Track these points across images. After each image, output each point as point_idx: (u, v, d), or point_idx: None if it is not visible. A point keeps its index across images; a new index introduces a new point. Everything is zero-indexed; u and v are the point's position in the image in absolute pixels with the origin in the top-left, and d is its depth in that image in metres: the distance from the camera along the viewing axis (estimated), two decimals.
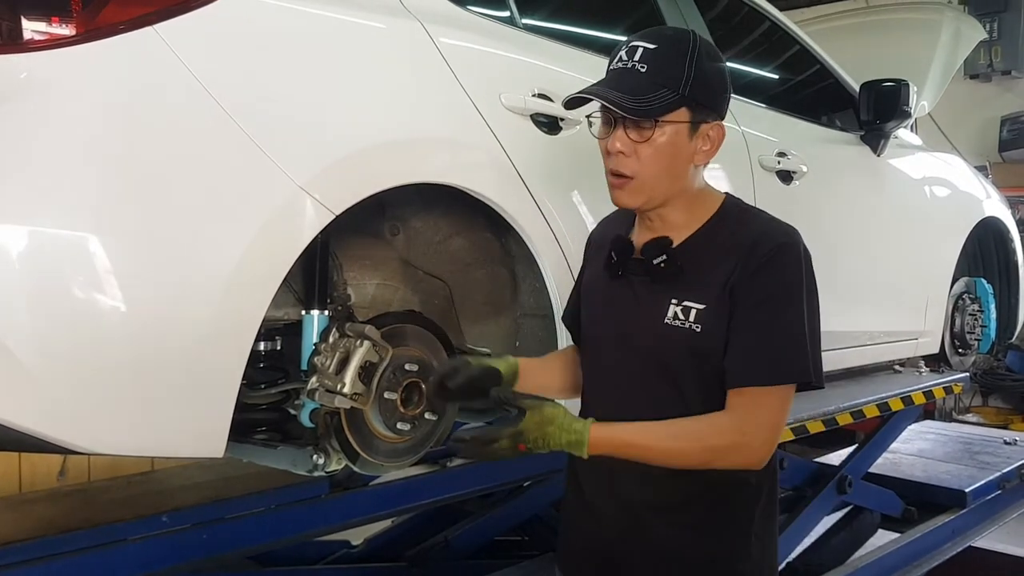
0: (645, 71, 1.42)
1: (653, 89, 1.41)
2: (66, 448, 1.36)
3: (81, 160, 1.36)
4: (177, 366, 1.41)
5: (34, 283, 1.31)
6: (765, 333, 1.42)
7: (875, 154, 3.15)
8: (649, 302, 1.49)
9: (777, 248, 1.43)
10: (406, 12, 1.79)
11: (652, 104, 1.41)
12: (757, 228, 1.47)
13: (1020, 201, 6.50)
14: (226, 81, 1.47)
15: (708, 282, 1.44)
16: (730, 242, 1.46)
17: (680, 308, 1.45)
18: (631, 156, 1.45)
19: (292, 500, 2.41)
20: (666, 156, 1.44)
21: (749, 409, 1.41)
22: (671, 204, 1.49)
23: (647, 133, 1.43)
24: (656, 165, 1.44)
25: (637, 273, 1.51)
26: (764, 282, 1.42)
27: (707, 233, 1.49)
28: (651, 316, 1.48)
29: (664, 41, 1.46)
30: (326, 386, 1.66)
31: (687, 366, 1.46)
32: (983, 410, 6.91)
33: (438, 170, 1.77)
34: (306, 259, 1.63)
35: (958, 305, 3.72)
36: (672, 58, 1.43)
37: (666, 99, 1.41)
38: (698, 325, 1.44)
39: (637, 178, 1.45)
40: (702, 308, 1.44)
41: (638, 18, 2.59)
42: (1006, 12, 6.79)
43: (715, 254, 1.46)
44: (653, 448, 1.43)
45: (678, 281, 1.46)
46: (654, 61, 1.42)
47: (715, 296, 1.43)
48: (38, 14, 1.36)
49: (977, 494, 3.71)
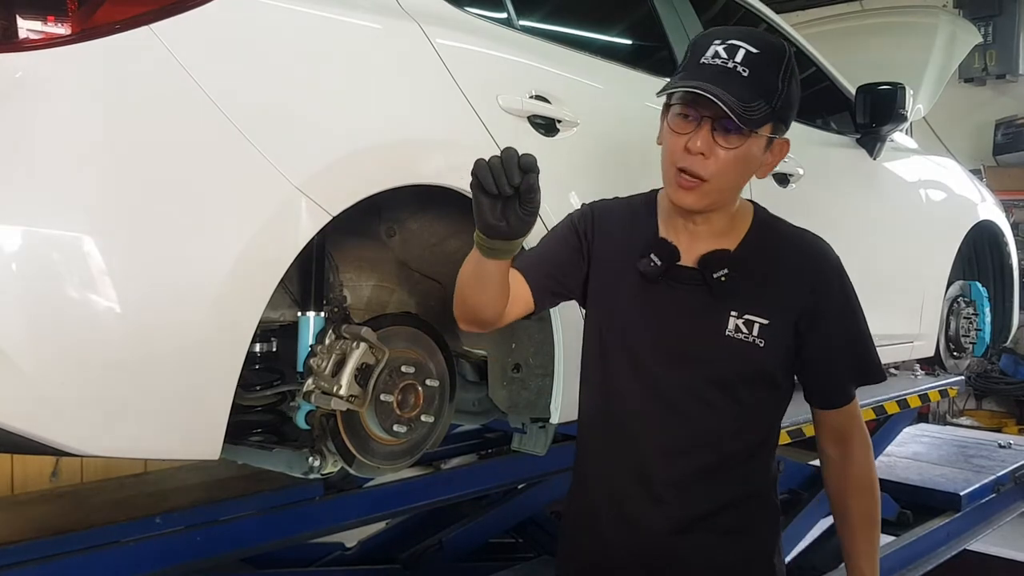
0: (747, 76, 1.36)
1: (754, 98, 1.36)
2: (60, 450, 1.35)
3: (76, 160, 1.35)
4: (172, 368, 1.41)
5: (28, 284, 1.30)
6: (857, 344, 1.53)
7: (871, 157, 3.16)
8: (706, 314, 1.47)
9: (836, 263, 1.52)
10: (403, 13, 1.79)
11: (754, 114, 1.36)
12: (803, 241, 1.54)
13: (1015, 205, 6.53)
14: (222, 81, 1.46)
15: (770, 297, 1.46)
16: (784, 256, 1.50)
17: (742, 321, 1.45)
18: (709, 159, 1.40)
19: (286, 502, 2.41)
20: (741, 165, 1.42)
21: (858, 419, 1.56)
22: (725, 209, 1.49)
23: (736, 141, 1.39)
24: (732, 173, 1.42)
25: (687, 282, 1.48)
26: (838, 301, 1.50)
27: (754, 244, 1.50)
28: (709, 328, 1.46)
29: (766, 48, 1.40)
30: (322, 388, 1.66)
31: (743, 379, 1.47)
32: (978, 413, 6.92)
33: (435, 171, 1.76)
34: (302, 261, 1.63)
35: (953, 308, 3.73)
36: (771, 68, 1.38)
37: (762, 111, 1.37)
38: (761, 340, 1.45)
39: (710, 182, 1.41)
40: (766, 323, 1.45)
41: (635, 20, 2.59)
42: (1001, 16, 6.81)
43: (771, 268, 1.48)
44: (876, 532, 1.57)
45: (737, 294, 1.46)
46: (756, 68, 1.37)
47: (779, 313, 1.46)
48: (34, 13, 1.35)
49: (972, 497, 3.71)
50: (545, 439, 2.05)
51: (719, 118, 1.38)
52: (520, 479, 3.00)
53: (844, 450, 1.56)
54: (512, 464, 2.98)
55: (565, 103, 1.99)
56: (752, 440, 1.52)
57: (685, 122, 1.41)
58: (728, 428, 1.48)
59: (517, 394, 2.05)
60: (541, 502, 3.20)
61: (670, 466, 1.49)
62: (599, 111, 2.11)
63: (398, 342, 1.79)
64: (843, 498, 1.55)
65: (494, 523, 3.08)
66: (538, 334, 2.02)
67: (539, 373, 2.03)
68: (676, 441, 1.49)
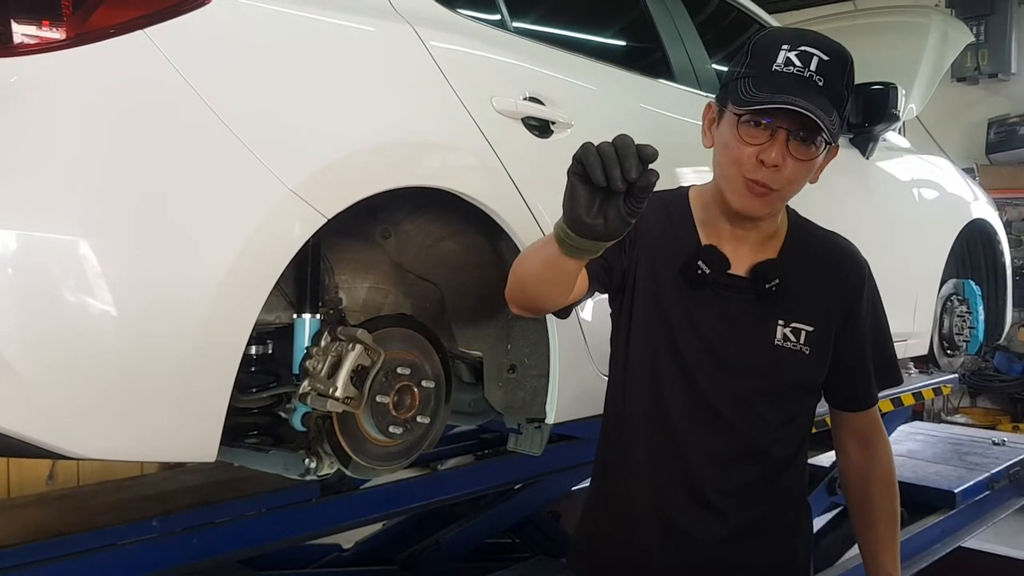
0: (823, 85, 1.31)
1: (831, 109, 1.31)
2: (57, 453, 1.35)
3: (71, 165, 1.35)
4: (169, 370, 1.41)
5: (23, 288, 1.30)
6: (886, 347, 1.56)
7: (864, 157, 3.17)
8: (755, 323, 1.46)
9: (867, 267, 1.53)
10: (396, 15, 1.79)
11: (836, 127, 1.32)
12: (836, 245, 1.55)
13: (1007, 203, 6.55)
14: (217, 85, 1.46)
15: (811, 304, 1.46)
16: (822, 261, 1.51)
17: (789, 330, 1.45)
18: (782, 170, 1.35)
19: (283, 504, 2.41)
20: (806, 174, 1.39)
21: (880, 423, 1.60)
22: (775, 215, 1.47)
23: (812, 152, 1.35)
24: (800, 182, 1.39)
25: (736, 291, 1.45)
26: (870, 303, 1.52)
27: (795, 250, 1.49)
28: (759, 337, 1.46)
29: (835, 55, 1.35)
30: (318, 390, 1.66)
31: (790, 387, 1.48)
32: (971, 411, 6.95)
33: (430, 174, 1.77)
34: (298, 263, 1.63)
35: (946, 307, 3.74)
36: (841, 77, 1.34)
37: (837, 122, 1.33)
38: (807, 348, 1.46)
39: (780, 191, 1.38)
40: (811, 331, 1.46)
41: (628, 22, 2.59)
42: (993, 15, 6.84)
43: (811, 275, 1.48)
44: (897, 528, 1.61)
45: (783, 302, 1.45)
46: (829, 76, 1.32)
47: (821, 319, 1.47)
48: (28, 17, 1.35)
49: (966, 495, 3.72)
50: (541, 439, 2.05)
51: (795, 129, 1.33)
52: (516, 479, 3.00)
53: (868, 451, 1.59)
54: (508, 465, 2.98)
55: (559, 105, 2.00)
56: (794, 445, 1.53)
57: (757, 130, 1.34)
58: (775, 436, 1.49)
59: (513, 395, 2.05)
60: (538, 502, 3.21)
61: (720, 475, 1.48)
62: (593, 113, 2.11)
63: (394, 343, 1.79)
64: (867, 496, 1.58)
65: (491, 523, 3.09)
66: (533, 334, 2.02)
67: (535, 374, 2.03)
68: (726, 450, 1.48)
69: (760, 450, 1.49)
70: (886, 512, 1.58)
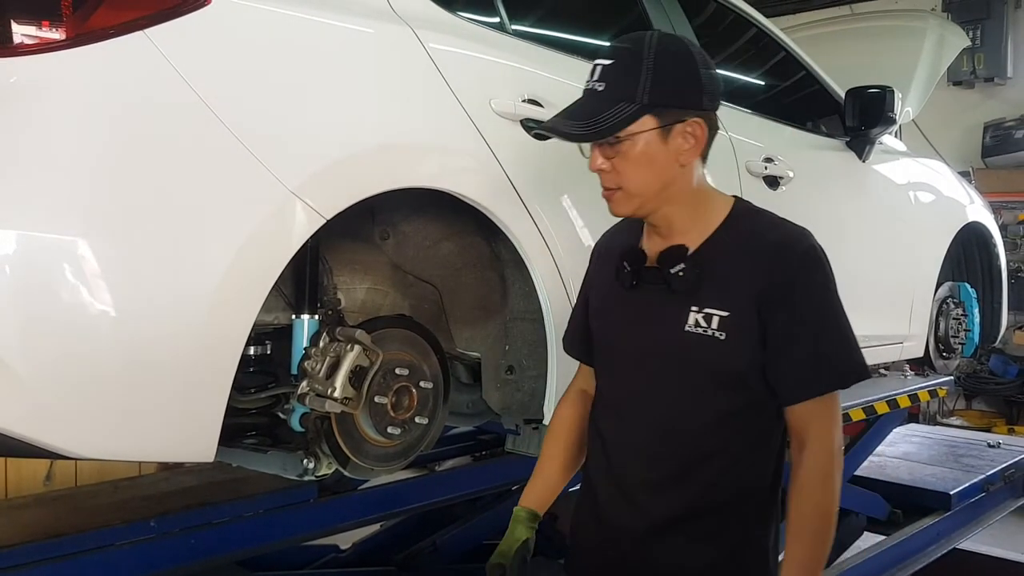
0: (603, 89, 1.43)
1: (610, 105, 1.42)
2: (55, 453, 1.35)
3: (70, 165, 1.36)
4: (167, 370, 1.41)
5: (23, 288, 1.31)
6: (820, 341, 1.43)
7: (860, 160, 3.18)
8: (668, 311, 1.47)
9: (806, 252, 1.45)
10: (396, 17, 1.80)
11: (604, 123, 1.41)
12: (776, 232, 1.47)
13: (1003, 206, 6.57)
14: (217, 86, 1.47)
15: (730, 289, 1.43)
16: (750, 247, 1.45)
17: (701, 315, 1.44)
18: (611, 171, 1.46)
19: (280, 504, 2.41)
20: (643, 164, 1.44)
21: (823, 421, 1.43)
22: (673, 206, 1.47)
23: (616, 149, 1.44)
24: (636, 175, 1.44)
25: (653, 282, 1.48)
26: (803, 290, 1.43)
27: (722, 237, 1.48)
28: (671, 325, 1.46)
29: (620, 54, 1.45)
30: (316, 390, 1.66)
31: (709, 375, 1.44)
32: (967, 413, 6.96)
33: (428, 175, 1.77)
34: (296, 263, 1.63)
35: (942, 309, 3.75)
36: (627, 69, 1.42)
37: (624, 112, 1.41)
38: (722, 333, 1.43)
39: (623, 189, 1.46)
40: (726, 315, 1.43)
41: (626, 23, 2.60)
42: (989, 19, 6.85)
43: (735, 260, 1.45)
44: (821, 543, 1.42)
45: (698, 288, 1.45)
46: (610, 76, 1.43)
47: (739, 304, 1.42)
48: (28, 18, 1.36)
49: (962, 496, 3.73)
50: (538, 440, 2.06)
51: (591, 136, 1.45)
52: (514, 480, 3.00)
53: (797, 453, 1.45)
54: (506, 466, 2.99)
55: (558, 107, 1.97)
56: (731, 446, 1.46)
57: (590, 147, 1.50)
58: (700, 431, 1.46)
59: (511, 396, 2.06)
60: None
61: (642, 467, 1.50)
62: None
63: (392, 344, 1.80)
64: (788, 500, 1.45)
65: (488, 525, 3.09)
66: (531, 336, 2.03)
67: (532, 375, 2.04)
68: (648, 443, 1.49)
69: (683, 443, 1.47)
70: (794, 525, 1.42)
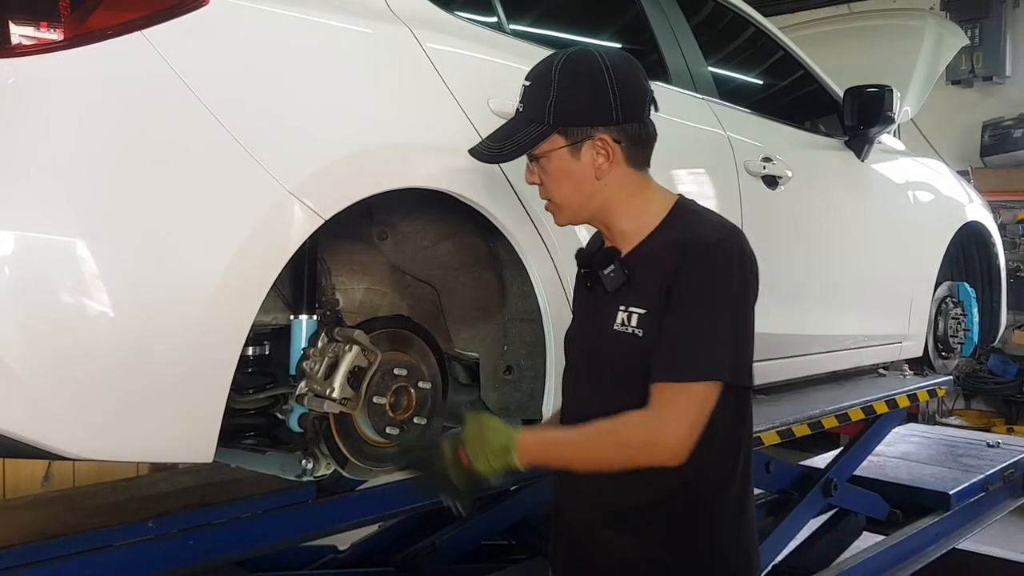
0: (522, 110, 1.50)
1: (523, 126, 1.49)
2: (53, 453, 1.35)
3: (69, 165, 1.36)
4: (166, 371, 1.41)
5: (22, 288, 1.31)
6: (686, 330, 1.41)
7: (859, 159, 3.18)
8: (603, 311, 1.51)
9: (708, 247, 1.42)
10: (394, 17, 1.80)
11: (512, 145, 1.49)
12: (699, 229, 1.47)
13: (1002, 206, 6.57)
14: (215, 86, 1.47)
15: (648, 286, 1.46)
16: (671, 244, 1.46)
17: (626, 314, 1.48)
18: (542, 185, 1.53)
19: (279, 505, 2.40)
20: (562, 179, 1.50)
21: (665, 405, 1.40)
22: (611, 215, 1.52)
23: (539, 165, 1.51)
24: (558, 189, 1.51)
25: (596, 284, 1.53)
26: (691, 280, 1.42)
27: (653, 239, 1.51)
28: (605, 324, 1.50)
29: (535, 75, 1.51)
30: (315, 391, 1.66)
31: (635, 372, 1.45)
32: (966, 413, 6.96)
33: (426, 175, 1.77)
34: (295, 264, 1.63)
35: (941, 309, 3.75)
36: (539, 89, 1.48)
37: (534, 133, 1.48)
38: (640, 330, 1.45)
39: (551, 202, 1.54)
40: (643, 313, 1.46)
41: (624, 23, 2.60)
42: (987, 18, 6.85)
43: (657, 258, 1.47)
44: (572, 444, 1.46)
45: (629, 288, 1.49)
46: (528, 98, 1.49)
47: (654, 300, 1.45)
48: (26, 18, 1.36)
49: (961, 496, 3.73)
50: None
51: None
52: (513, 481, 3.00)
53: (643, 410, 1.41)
54: None
55: None
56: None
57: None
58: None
59: (509, 396, 2.06)
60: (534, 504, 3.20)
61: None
62: None
63: (390, 344, 1.80)
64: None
65: (487, 525, 3.08)
66: (530, 336, 2.03)
67: (531, 375, 2.04)
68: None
69: None
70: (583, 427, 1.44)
